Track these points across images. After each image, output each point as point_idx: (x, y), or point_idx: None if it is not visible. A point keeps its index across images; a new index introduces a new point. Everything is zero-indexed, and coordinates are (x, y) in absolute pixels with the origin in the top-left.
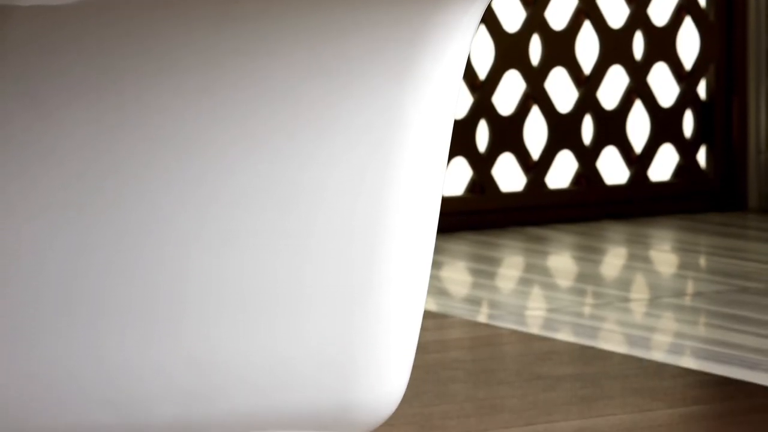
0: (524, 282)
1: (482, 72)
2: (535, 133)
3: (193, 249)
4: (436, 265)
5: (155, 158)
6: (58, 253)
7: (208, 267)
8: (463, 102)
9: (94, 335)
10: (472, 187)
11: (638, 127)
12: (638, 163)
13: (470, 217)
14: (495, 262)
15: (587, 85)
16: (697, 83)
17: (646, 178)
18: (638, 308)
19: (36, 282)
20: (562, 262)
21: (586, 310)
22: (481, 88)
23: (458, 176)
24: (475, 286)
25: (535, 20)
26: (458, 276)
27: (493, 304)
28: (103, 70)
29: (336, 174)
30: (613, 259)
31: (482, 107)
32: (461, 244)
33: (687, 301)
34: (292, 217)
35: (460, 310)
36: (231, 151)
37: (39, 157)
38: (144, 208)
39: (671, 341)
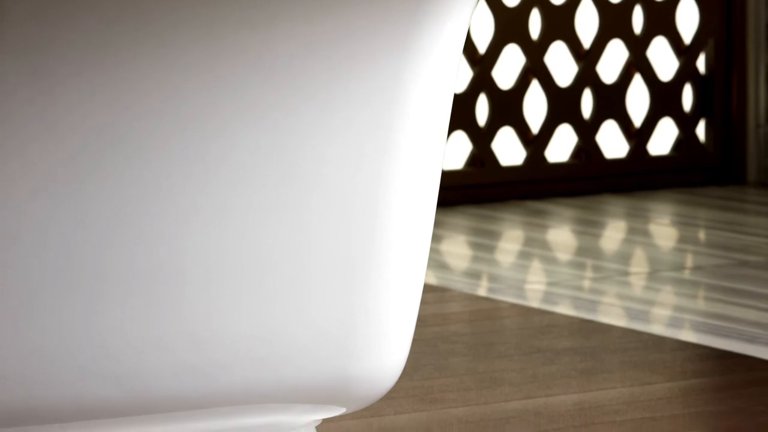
0: (524, 255)
1: (482, 46)
2: (535, 107)
3: (193, 224)
4: (435, 238)
5: (155, 133)
6: (59, 228)
7: (208, 242)
8: (463, 76)
9: (95, 310)
10: (472, 160)
11: (638, 101)
12: (637, 136)
13: (470, 191)
14: (495, 235)
15: (587, 59)
16: (696, 57)
17: (646, 151)
18: (638, 282)
19: (37, 258)
20: (561, 235)
21: (586, 283)
22: (481, 62)
23: (458, 150)
24: (475, 259)
25: None
26: (458, 249)
27: (492, 278)
28: (103, 45)
29: (336, 148)
30: (613, 233)
31: (482, 81)
32: (461, 218)
33: (686, 274)
34: (292, 192)
35: (459, 284)
36: (231, 125)
37: (39, 133)
38: (144, 184)
39: (670, 315)
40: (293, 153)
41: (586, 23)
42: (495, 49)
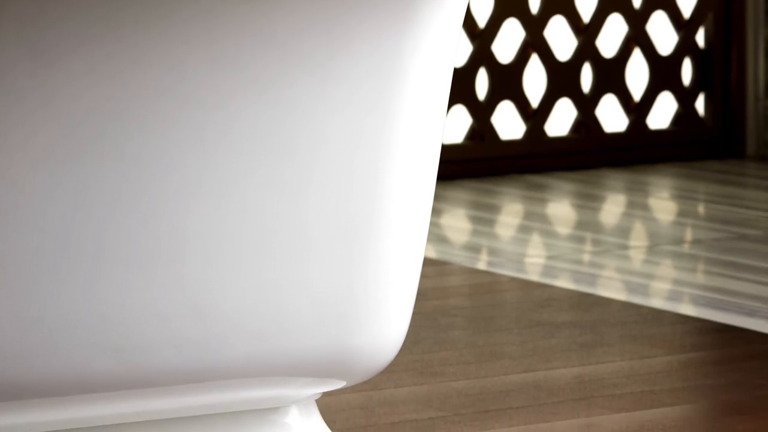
0: (523, 229)
1: (482, 20)
2: (535, 81)
3: (194, 196)
4: (435, 212)
5: (155, 108)
6: (60, 201)
7: (209, 214)
8: (462, 50)
9: (96, 283)
10: (472, 134)
11: (637, 75)
12: (637, 111)
13: (470, 165)
14: (494, 209)
15: (586, 33)
16: (695, 31)
17: (645, 125)
18: (637, 255)
19: (37, 230)
20: (561, 209)
21: (585, 257)
22: (481, 36)
23: (458, 124)
24: (475, 233)
25: None
26: (458, 223)
27: (492, 252)
28: (104, 18)
29: (336, 122)
30: (612, 207)
31: (482, 55)
32: (461, 192)
33: (686, 248)
34: (292, 165)
35: (459, 258)
36: (232, 99)
37: (40, 106)
38: (145, 157)
39: (670, 288)
40: (293, 128)
41: None
42: (495, 23)
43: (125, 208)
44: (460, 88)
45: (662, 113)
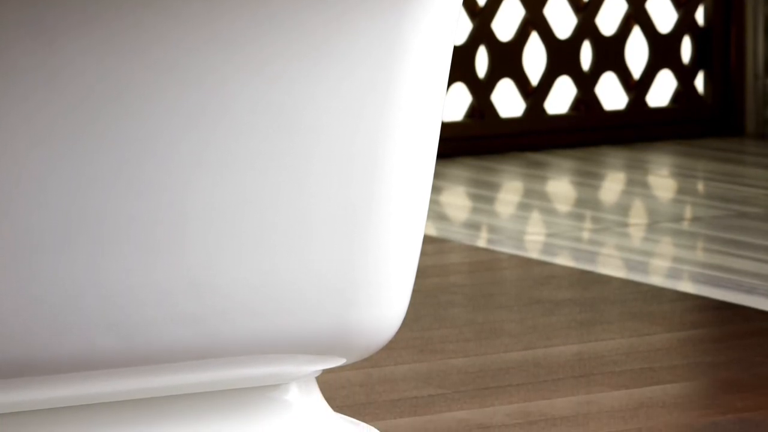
0: (523, 207)
1: None
2: (535, 59)
3: (194, 174)
4: (435, 190)
5: (156, 85)
6: (61, 179)
7: (209, 193)
8: (462, 28)
9: (96, 260)
10: (472, 112)
11: (637, 53)
12: (636, 88)
13: (470, 143)
14: (494, 187)
15: (586, 11)
16: (695, 9)
17: (645, 103)
18: (637, 233)
19: (38, 208)
20: (561, 187)
21: (585, 234)
22: (481, 14)
23: (458, 102)
24: (475, 211)
25: None
26: (458, 201)
27: (492, 229)
28: None
29: (336, 100)
30: (612, 184)
31: (482, 33)
32: (461, 170)
33: (685, 226)
34: (293, 143)
35: (459, 235)
36: (232, 77)
37: (40, 84)
38: (145, 134)
39: (669, 266)
40: (294, 104)
41: None
42: (494, 1)
43: (126, 187)
44: (460, 66)
45: (662, 91)
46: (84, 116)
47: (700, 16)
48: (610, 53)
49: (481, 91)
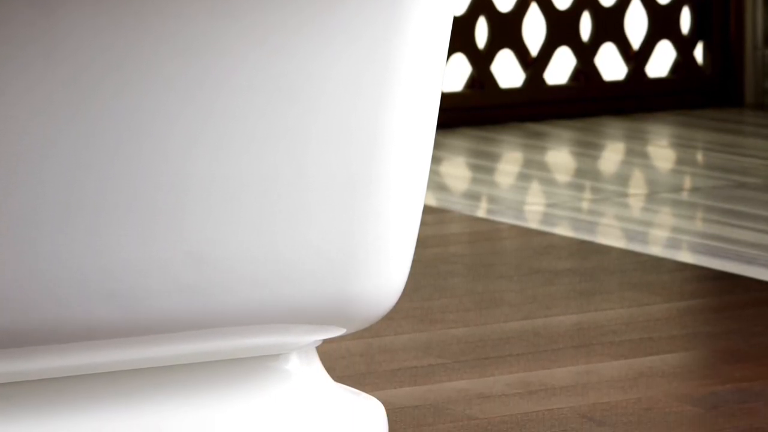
0: (523, 177)
1: None
2: (534, 29)
3: (194, 146)
4: (435, 160)
5: (156, 56)
6: (60, 151)
7: (209, 163)
8: None
9: (96, 231)
10: (472, 83)
11: (636, 23)
12: (636, 59)
13: (469, 113)
14: (494, 157)
15: None
16: None
17: (644, 74)
18: (636, 203)
19: (38, 179)
20: (560, 157)
21: (585, 205)
22: None
23: (458, 72)
24: (475, 181)
25: None
26: (458, 171)
27: (492, 199)
28: None
29: (336, 70)
30: (611, 155)
31: (481, 4)
32: (461, 140)
33: (684, 196)
34: (293, 113)
35: (459, 205)
36: (232, 48)
37: (40, 56)
38: (145, 106)
39: (669, 236)
40: (293, 76)
41: None
42: None
43: (125, 158)
44: (460, 37)
45: (661, 62)
46: (83, 88)
47: None
48: (610, 24)
49: (481, 61)
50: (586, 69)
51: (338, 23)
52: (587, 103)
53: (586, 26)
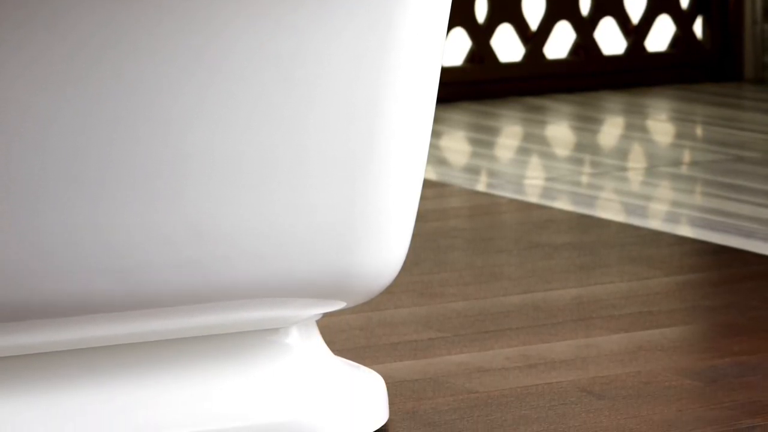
0: (522, 151)
1: None
2: (534, 3)
3: (194, 120)
4: (435, 134)
5: (156, 31)
6: (61, 124)
7: (209, 137)
8: None
9: (97, 205)
10: (471, 57)
11: None
12: (635, 33)
13: (469, 87)
14: (494, 131)
15: None
16: None
17: (643, 48)
18: (635, 177)
19: (39, 153)
20: (560, 131)
21: (584, 179)
22: None
23: (457, 46)
24: (474, 155)
25: None
26: (457, 145)
27: (491, 173)
28: None
29: (336, 44)
30: (611, 129)
31: None
32: (460, 114)
33: (683, 170)
34: (294, 87)
35: (459, 179)
36: (232, 23)
37: (41, 29)
38: (147, 80)
39: (668, 210)
40: (294, 51)
41: None
42: None
43: (126, 131)
44: (460, 11)
45: (660, 36)
46: (84, 62)
47: None
48: None
49: (481, 36)
50: (585, 43)
51: None
52: (587, 77)
53: (585, 1)
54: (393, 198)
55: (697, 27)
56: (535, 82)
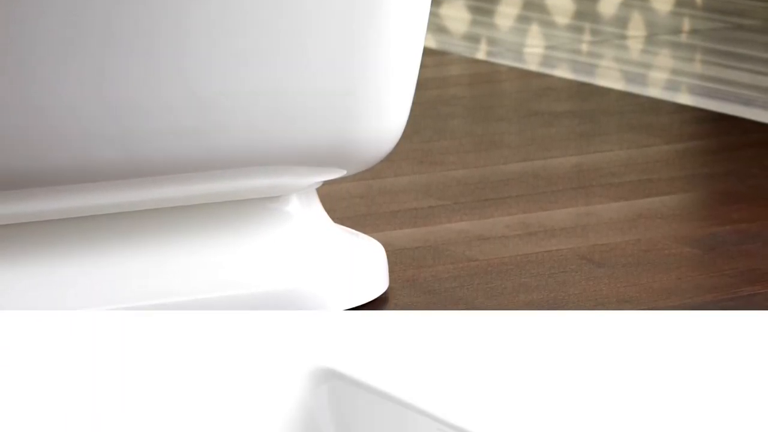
0: (522, 19)
1: None
2: None
3: None
4: (435, 2)
5: None
6: None
7: (210, 3)
8: None
9: (98, 71)
10: None
11: None
12: None
13: None
14: None
15: None
16: None
17: None
18: (635, 45)
19: (41, 18)
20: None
21: (584, 47)
22: None
23: None
24: (474, 23)
25: None
26: (457, 13)
27: (491, 41)
28: None
29: None
30: None
31: None
32: None
33: (683, 38)
34: None
35: (459, 47)
36: None
37: None
38: None
39: (667, 78)
40: None
41: None
42: None
43: None
44: None
45: None
46: None
47: None
48: None
49: None
50: None
51: None
52: None
53: None
54: (393, 65)
55: None
56: None
